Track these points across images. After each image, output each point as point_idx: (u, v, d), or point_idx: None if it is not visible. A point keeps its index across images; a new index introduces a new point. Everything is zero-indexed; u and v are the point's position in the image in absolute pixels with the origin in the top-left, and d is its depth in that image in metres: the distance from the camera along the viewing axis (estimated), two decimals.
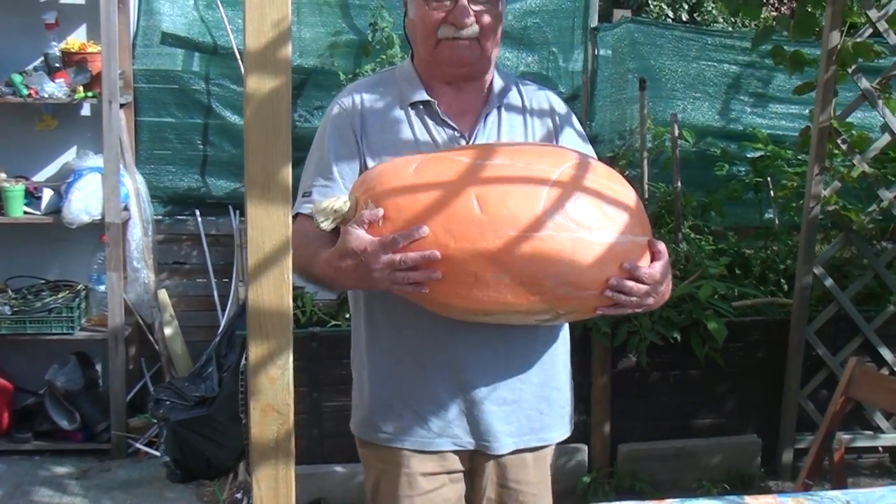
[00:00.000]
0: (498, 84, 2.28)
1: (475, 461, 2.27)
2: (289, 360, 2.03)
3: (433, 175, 1.93)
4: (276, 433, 2.01)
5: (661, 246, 1.96)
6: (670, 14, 9.36)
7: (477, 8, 2.14)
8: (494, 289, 1.87)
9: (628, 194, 1.97)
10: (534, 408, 2.24)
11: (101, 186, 4.55)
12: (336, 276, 2.02)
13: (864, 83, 4.18)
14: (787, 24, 4.18)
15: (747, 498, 2.10)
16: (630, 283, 1.89)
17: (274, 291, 1.98)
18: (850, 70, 4.16)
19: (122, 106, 4.69)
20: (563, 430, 2.33)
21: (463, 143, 2.19)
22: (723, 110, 5.48)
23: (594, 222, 1.86)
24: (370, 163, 2.16)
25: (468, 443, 2.23)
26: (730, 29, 7.34)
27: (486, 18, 2.15)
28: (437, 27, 2.14)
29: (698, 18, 9.00)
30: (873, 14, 4.08)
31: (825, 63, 4.11)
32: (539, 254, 1.83)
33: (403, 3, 2.27)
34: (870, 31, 4.19)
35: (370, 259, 1.91)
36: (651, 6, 9.33)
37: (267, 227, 1.97)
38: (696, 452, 4.37)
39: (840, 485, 3.00)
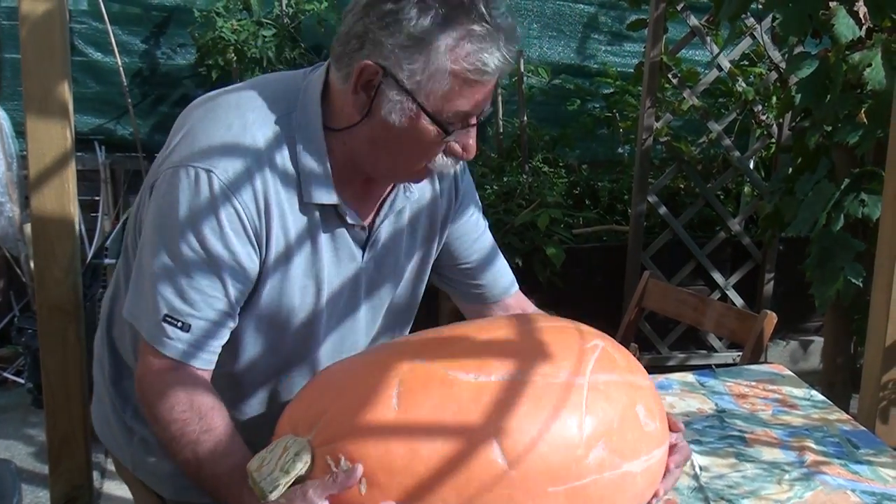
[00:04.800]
0: None
1: None
2: (74, 263, 2.20)
3: (428, 408, 1.33)
4: (63, 331, 2.19)
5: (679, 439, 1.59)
6: None
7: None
8: None
9: (648, 384, 1.52)
10: None
11: None
12: None
13: (693, 20, 4.42)
14: None
15: None
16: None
17: (56, 200, 2.15)
18: (679, 7, 4.39)
19: None
20: None
21: (363, 236, 1.65)
22: (579, 49, 5.67)
23: (637, 445, 1.42)
24: (264, 286, 1.55)
25: None
26: None
27: None
28: (435, 156, 1.55)
29: None
30: None
31: (655, 0, 4.33)
32: None
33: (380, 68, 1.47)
34: None
35: None
36: None
37: (46, 139, 2.14)
38: None
39: None
